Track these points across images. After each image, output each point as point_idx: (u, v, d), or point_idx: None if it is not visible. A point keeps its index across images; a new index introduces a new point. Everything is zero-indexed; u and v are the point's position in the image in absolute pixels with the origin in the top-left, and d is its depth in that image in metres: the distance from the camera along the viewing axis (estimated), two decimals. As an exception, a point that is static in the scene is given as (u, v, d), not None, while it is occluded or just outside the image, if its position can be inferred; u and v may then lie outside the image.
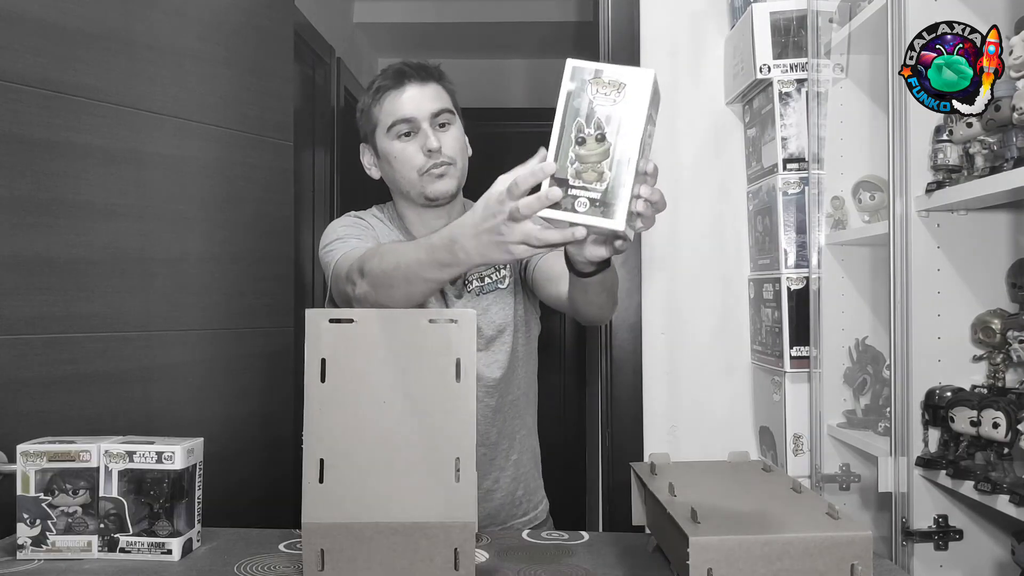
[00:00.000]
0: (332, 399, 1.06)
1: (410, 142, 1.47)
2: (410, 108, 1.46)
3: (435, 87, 1.49)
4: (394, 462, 1.06)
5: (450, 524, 1.04)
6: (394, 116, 1.47)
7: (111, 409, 1.62)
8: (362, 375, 1.07)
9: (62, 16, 1.57)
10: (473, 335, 1.08)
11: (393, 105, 1.47)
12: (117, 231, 1.65)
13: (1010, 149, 1.28)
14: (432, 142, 1.45)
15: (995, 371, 1.43)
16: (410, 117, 1.46)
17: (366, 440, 1.06)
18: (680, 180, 2.19)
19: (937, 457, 1.42)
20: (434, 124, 1.47)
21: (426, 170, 1.46)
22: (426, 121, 1.46)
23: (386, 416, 1.07)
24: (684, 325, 2.17)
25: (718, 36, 2.19)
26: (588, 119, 0.99)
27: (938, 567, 1.46)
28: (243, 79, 1.90)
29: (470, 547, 1.05)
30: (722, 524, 1.04)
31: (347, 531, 1.04)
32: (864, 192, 1.79)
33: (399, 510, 1.05)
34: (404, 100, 1.47)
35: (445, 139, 1.47)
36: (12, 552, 1.23)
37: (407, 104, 1.46)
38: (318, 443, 1.05)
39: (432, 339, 1.08)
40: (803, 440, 1.86)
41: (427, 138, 1.45)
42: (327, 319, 1.07)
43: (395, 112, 1.47)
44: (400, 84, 1.47)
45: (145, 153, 1.71)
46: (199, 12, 1.81)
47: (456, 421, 1.07)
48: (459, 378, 1.07)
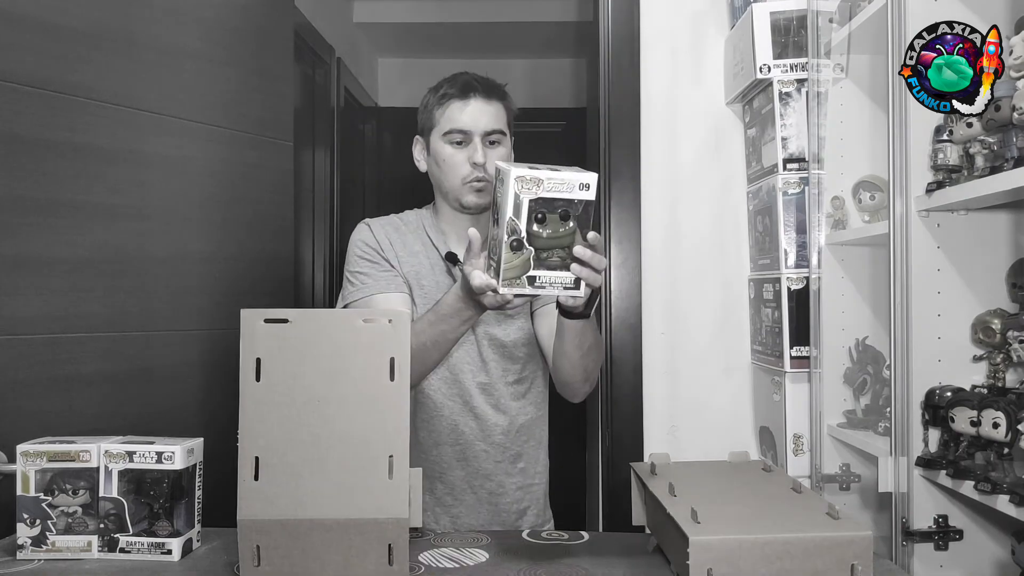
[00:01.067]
0: (267, 398, 1.08)
1: (460, 150, 1.57)
2: (468, 121, 1.56)
3: (497, 106, 1.59)
4: (328, 460, 1.08)
5: (383, 520, 1.06)
6: (452, 124, 1.57)
7: (111, 409, 1.62)
8: (296, 374, 1.09)
9: (62, 16, 1.57)
10: (407, 335, 1.11)
11: (455, 114, 1.57)
12: (117, 231, 1.65)
13: (1010, 149, 1.28)
14: (479, 156, 1.55)
15: (995, 371, 1.43)
16: (466, 130, 1.56)
17: (300, 438, 1.08)
18: (680, 180, 2.19)
19: (937, 457, 1.42)
20: (485, 140, 1.57)
21: (468, 180, 1.56)
22: (479, 136, 1.56)
23: (320, 414, 1.09)
24: (684, 325, 2.17)
25: (718, 36, 2.19)
26: None
27: (938, 567, 1.46)
28: (243, 79, 1.90)
29: (404, 542, 1.07)
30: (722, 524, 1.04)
31: (282, 527, 1.06)
32: (864, 192, 1.78)
33: (332, 507, 1.07)
34: (467, 112, 1.57)
35: (492, 156, 1.57)
36: (12, 552, 1.23)
37: (467, 117, 1.56)
38: (253, 441, 1.07)
39: (366, 338, 1.10)
40: (803, 440, 1.86)
41: (476, 151, 1.55)
42: (262, 319, 1.09)
43: (454, 121, 1.57)
44: (466, 96, 1.57)
45: (145, 153, 1.71)
46: (199, 12, 1.81)
47: (390, 419, 1.09)
48: (393, 377, 1.09)
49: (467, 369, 1.58)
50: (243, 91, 1.90)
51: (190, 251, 1.78)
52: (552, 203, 1.13)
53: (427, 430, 1.60)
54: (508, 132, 1.61)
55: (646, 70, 2.20)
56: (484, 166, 1.55)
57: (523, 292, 1.17)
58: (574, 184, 1.14)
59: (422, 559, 1.23)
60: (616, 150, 2.20)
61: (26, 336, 1.52)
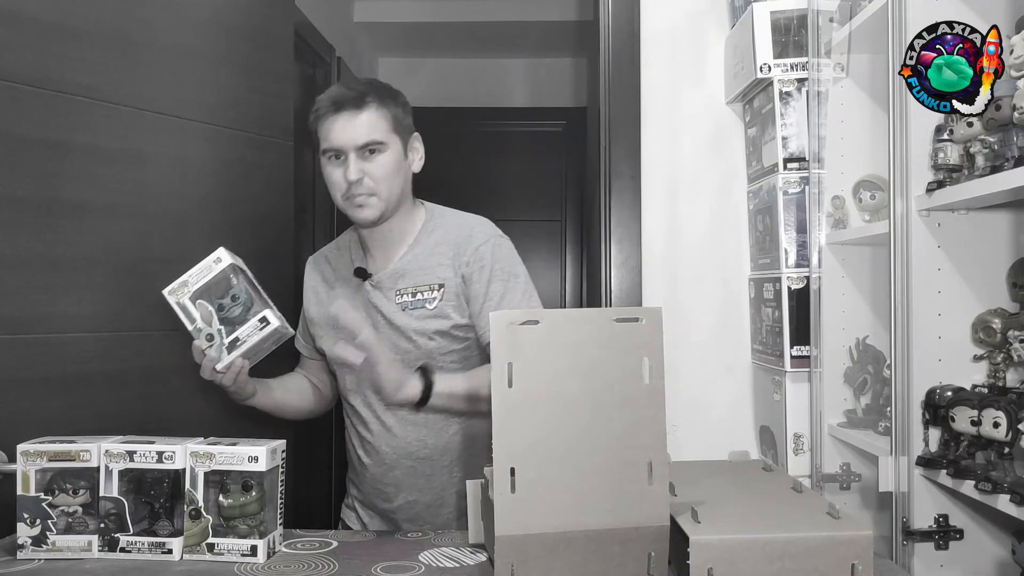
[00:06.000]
0: (520, 404, 1.02)
1: (337, 167, 1.55)
2: (338, 138, 1.54)
3: (369, 115, 1.54)
4: (585, 467, 1.02)
5: (645, 528, 1.02)
6: (326, 143, 1.56)
7: (111, 409, 1.62)
8: (551, 379, 1.03)
9: (62, 16, 1.56)
10: (660, 334, 1.05)
11: (326, 132, 1.55)
12: (117, 231, 1.65)
13: (1011, 148, 1.28)
14: (352, 173, 1.53)
15: (996, 370, 1.43)
16: (337, 147, 1.54)
17: (556, 445, 1.02)
18: (680, 180, 2.19)
19: (937, 457, 1.42)
20: (362, 153, 1.53)
21: (347, 196, 1.55)
22: (353, 151, 1.53)
23: (576, 420, 1.03)
24: (684, 325, 2.17)
25: (718, 35, 2.18)
26: None
27: (938, 567, 1.46)
28: (243, 78, 1.90)
29: (664, 551, 1.03)
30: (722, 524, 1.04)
31: (540, 541, 1.01)
32: (864, 191, 1.78)
33: (593, 517, 1.02)
34: (336, 129, 1.53)
35: (371, 168, 1.54)
36: (12, 552, 1.23)
37: (336, 134, 1.53)
38: (508, 451, 1.01)
39: (619, 338, 1.04)
40: (803, 440, 1.86)
41: (348, 167, 1.53)
42: (513, 321, 1.03)
43: (327, 139, 1.55)
44: (336, 111, 1.54)
45: (145, 153, 1.71)
46: (199, 11, 1.81)
47: (647, 422, 1.04)
48: (648, 378, 1.04)
49: None
50: (243, 91, 1.90)
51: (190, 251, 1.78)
52: None
53: None
54: (393, 137, 1.57)
55: (646, 70, 2.19)
56: (361, 182, 1.53)
57: None
58: None
59: (422, 559, 1.23)
60: (616, 150, 2.20)
61: (26, 336, 1.51)
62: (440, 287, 1.57)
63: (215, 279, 1.49)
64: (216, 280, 1.49)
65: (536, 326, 1.03)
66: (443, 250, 1.59)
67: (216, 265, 1.50)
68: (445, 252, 1.59)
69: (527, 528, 1.01)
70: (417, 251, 1.61)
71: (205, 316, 1.48)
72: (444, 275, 1.58)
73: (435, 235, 1.62)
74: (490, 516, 1.09)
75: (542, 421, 1.03)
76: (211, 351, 1.48)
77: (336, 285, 1.66)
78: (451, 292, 1.57)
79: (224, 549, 1.21)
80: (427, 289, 1.57)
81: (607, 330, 1.05)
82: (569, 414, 1.03)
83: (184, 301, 1.49)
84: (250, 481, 1.20)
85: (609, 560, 1.02)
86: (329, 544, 1.30)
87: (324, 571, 1.18)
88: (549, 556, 1.02)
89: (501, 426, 1.02)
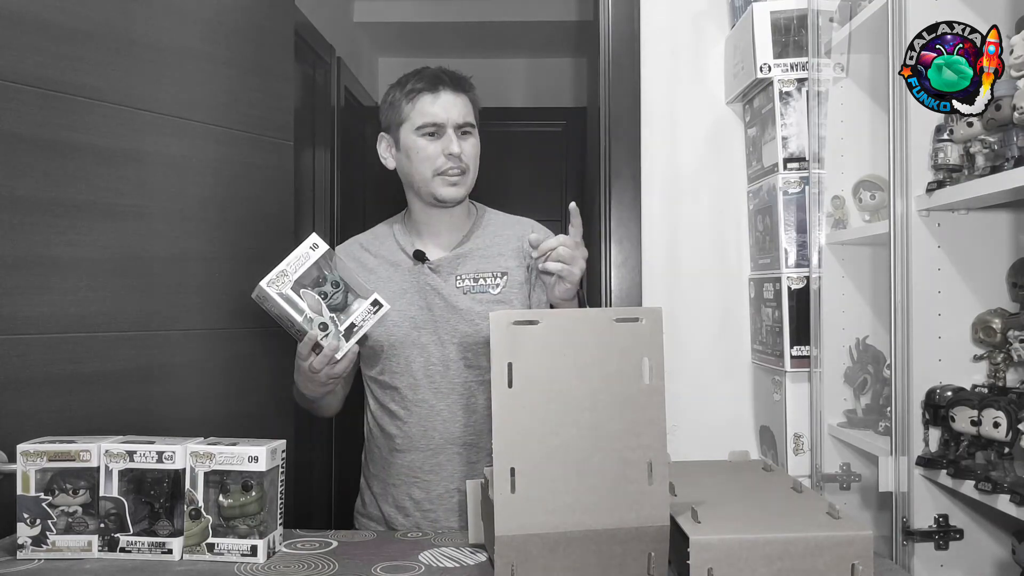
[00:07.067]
0: (520, 404, 1.02)
1: (433, 142, 1.59)
2: (440, 113, 1.58)
3: (465, 98, 1.62)
4: (586, 467, 1.02)
5: (645, 528, 1.02)
6: (425, 118, 1.59)
7: (111, 409, 1.61)
8: (551, 379, 1.03)
9: (62, 16, 1.56)
10: (660, 334, 1.05)
11: (426, 107, 1.59)
12: (117, 231, 1.65)
13: (1011, 148, 1.28)
14: (454, 147, 1.58)
15: (996, 370, 1.43)
16: (439, 122, 1.58)
17: (556, 445, 1.02)
18: (680, 180, 2.19)
19: (938, 457, 1.42)
20: (458, 132, 1.59)
21: (442, 171, 1.59)
22: (452, 127, 1.58)
23: (576, 420, 1.03)
24: (684, 325, 2.17)
25: (718, 35, 2.18)
26: None
27: (939, 567, 1.46)
28: (243, 79, 1.90)
29: (664, 551, 1.03)
30: (722, 524, 1.04)
31: (540, 541, 1.01)
32: (864, 191, 1.78)
33: (593, 517, 1.02)
34: (439, 105, 1.59)
35: (465, 147, 1.60)
36: (12, 552, 1.23)
37: (438, 109, 1.58)
38: (508, 451, 1.01)
39: (620, 339, 1.04)
40: (803, 440, 1.86)
41: (451, 142, 1.58)
42: (511, 321, 1.03)
43: (426, 114, 1.58)
44: (435, 89, 1.59)
45: (145, 153, 1.70)
46: (200, 11, 1.81)
47: (647, 422, 1.04)
48: (648, 378, 1.04)
49: None
50: (243, 91, 1.90)
51: (190, 251, 1.78)
52: None
53: None
54: (477, 124, 1.64)
55: (646, 70, 2.20)
56: (460, 156, 1.58)
57: None
58: None
59: (422, 559, 1.23)
60: (616, 150, 2.20)
61: (26, 336, 1.51)
62: (503, 275, 1.63)
63: (313, 266, 1.42)
64: (312, 267, 1.42)
65: (536, 326, 1.04)
66: (504, 242, 1.66)
67: (314, 252, 1.42)
68: (507, 244, 1.66)
69: (527, 528, 1.01)
70: (477, 240, 1.66)
71: (314, 305, 1.41)
72: (507, 264, 1.64)
73: (492, 227, 1.69)
74: (490, 516, 1.10)
75: (542, 421, 1.03)
76: (329, 340, 1.41)
77: (378, 270, 1.66)
78: (515, 281, 1.63)
79: (224, 549, 1.21)
80: (490, 276, 1.63)
81: (607, 330, 1.05)
82: (569, 414, 1.03)
83: (287, 291, 1.40)
84: (250, 481, 1.20)
85: (609, 560, 1.03)
86: (329, 544, 1.30)
87: (324, 571, 1.18)
88: (549, 556, 1.02)
89: (501, 426, 1.02)
